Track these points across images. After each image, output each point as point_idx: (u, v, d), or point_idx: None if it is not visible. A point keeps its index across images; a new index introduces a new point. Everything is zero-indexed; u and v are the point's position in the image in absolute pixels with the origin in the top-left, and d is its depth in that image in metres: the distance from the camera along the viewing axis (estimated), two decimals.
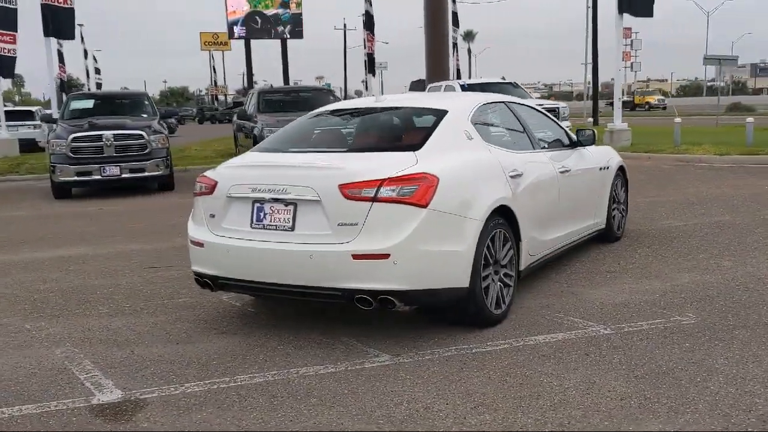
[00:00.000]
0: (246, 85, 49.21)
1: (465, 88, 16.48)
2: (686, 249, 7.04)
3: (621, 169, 7.44)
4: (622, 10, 17.59)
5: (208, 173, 4.95)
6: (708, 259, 6.58)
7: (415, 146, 4.66)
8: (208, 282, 4.84)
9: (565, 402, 3.61)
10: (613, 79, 19.17)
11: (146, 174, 13.42)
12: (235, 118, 18.12)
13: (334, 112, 5.76)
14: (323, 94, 16.10)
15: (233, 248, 4.59)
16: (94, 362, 4.47)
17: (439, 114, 5.03)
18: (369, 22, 27.69)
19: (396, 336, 4.68)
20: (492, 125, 5.45)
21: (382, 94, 25.86)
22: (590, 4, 36.38)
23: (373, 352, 4.43)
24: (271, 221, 4.50)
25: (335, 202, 4.27)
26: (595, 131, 6.63)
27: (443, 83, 17.37)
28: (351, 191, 4.24)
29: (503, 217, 4.83)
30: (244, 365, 4.31)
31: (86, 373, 4.29)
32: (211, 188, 4.78)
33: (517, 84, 17.80)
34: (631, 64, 73.53)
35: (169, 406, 3.76)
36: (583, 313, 5.06)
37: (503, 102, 5.93)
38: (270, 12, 43.79)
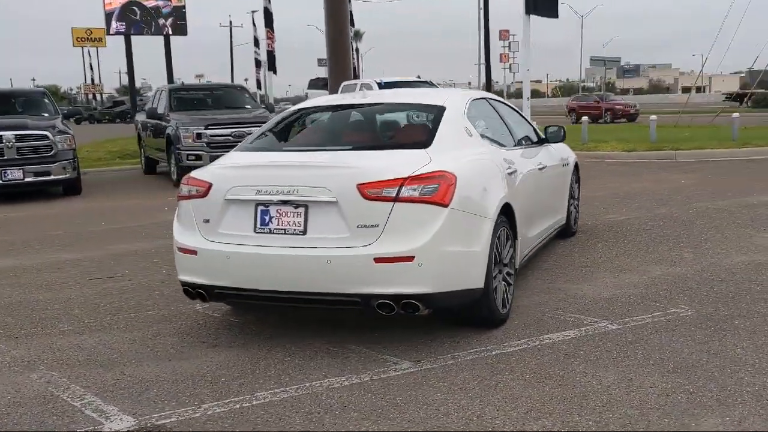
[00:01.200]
0: (126, 83, 47.03)
1: (382, 86, 16.41)
2: (643, 242, 7.24)
3: (575, 165, 7.57)
4: (529, 11, 17.97)
5: (197, 174, 4.58)
6: (668, 251, 6.78)
7: (423, 143, 4.49)
8: (201, 292, 4.47)
9: (614, 401, 3.56)
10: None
11: (52, 177, 12.50)
12: (138, 117, 17.23)
13: (320, 109, 5.49)
14: (238, 92, 15.58)
15: (234, 255, 4.26)
16: (84, 386, 4.03)
17: (438, 110, 4.89)
18: (268, 19, 27.16)
19: (405, 341, 4.50)
20: (482, 121, 5.36)
21: (270, 92, 25.22)
22: (482, 5, 37.27)
23: (390, 359, 4.23)
24: (278, 225, 4.20)
25: (354, 202, 4.04)
26: (564, 127, 6.69)
27: (358, 82, 17.21)
28: (371, 191, 4.03)
29: (505, 215, 4.75)
30: (259, 380, 4.00)
31: (80, 399, 3.86)
32: (205, 191, 4.42)
33: (432, 82, 17.89)
34: (510, 65, 76.28)
35: (196, 431, 3.41)
36: (580, 309, 5.06)
37: (485, 98, 5.86)
38: (150, 3, 41.90)
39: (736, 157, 14.60)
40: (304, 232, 4.14)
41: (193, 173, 4.61)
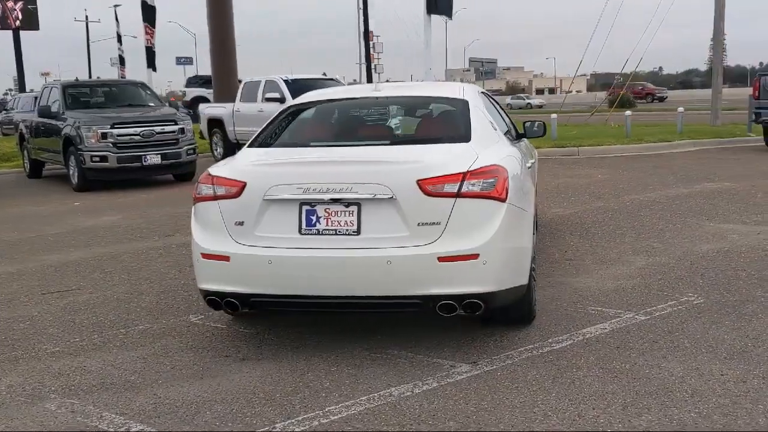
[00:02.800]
0: None
1: (289, 83, 15.98)
2: (606, 234, 7.44)
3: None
4: (430, 11, 18.22)
5: (224, 172, 4.17)
6: (635, 242, 7.00)
7: (462, 138, 4.34)
8: (232, 302, 4.08)
9: (699, 392, 3.58)
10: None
11: None
12: (19, 116, 15.83)
13: (334, 102, 5.19)
14: (137, 89, 14.66)
15: (277, 260, 3.92)
16: (121, 413, 3.58)
17: (463, 104, 4.74)
18: (147, 13, 25.89)
19: (445, 343, 4.34)
20: (491, 116, 5.27)
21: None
22: (361, 5, 37.38)
23: (445, 363, 4.05)
24: (328, 225, 3.91)
25: (414, 199, 3.82)
26: (545, 122, 6.73)
27: (262, 78, 16.64)
28: (432, 187, 3.83)
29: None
30: (319, 394, 3.71)
31: (125, 428, 3.40)
32: (238, 191, 4.04)
33: (338, 80, 17.66)
34: (374, 65, 77.29)
35: None
36: (596, 302, 5.09)
37: (483, 92, 5.78)
38: None
39: (633, 152, 15.44)
40: (358, 232, 3.87)
41: (219, 171, 4.20)
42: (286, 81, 15.96)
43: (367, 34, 36.78)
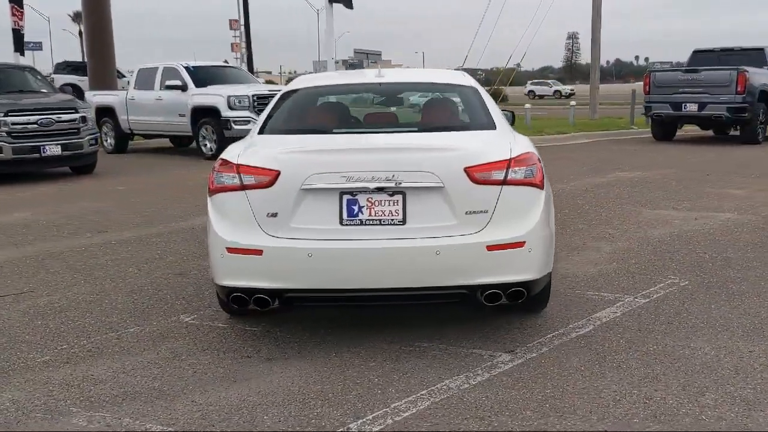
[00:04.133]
0: None
1: (191, 70, 15.30)
2: (557, 222, 7.63)
3: None
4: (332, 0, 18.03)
5: (253, 160, 3.88)
6: (589, 228, 7.26)
7: (488, 125, 4.30)
8: (263, 298, 3.84)
9: (743, 369, 3.73)
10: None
11: None
12: None
13: (339, 88, 4.97)
14: (27, 74, 13.52)
15: (318, 252, 3.72)
16: (168, 424, 3.30)
17: (473, 91, 4.69)
18: None
19: (472, 332, 4.30)
20: None
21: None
22: None
23: (484, 353, 4.02)
24: (371, 215, 3.75)
25: (462, 187, 3.74)
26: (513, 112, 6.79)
27: (159, 65, 15.80)
28: (481, 174, 3.76)
29: None
30: (373, 391, 3.57)
31: None
32: (271, 180, 3.79)
33: (239, 68, 17.10)
34: (242, 55, 75.89)
35: None
36: (589, 287, 5.22)
37: None
38: None
39: (536, 143, 15.97)
40: (404, 222, 3.74)
41: (245, 159, 3.90)
42: (187, 68, 15.31)
43: (248, 25, 35.89)
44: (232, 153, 4.06)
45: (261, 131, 4.32)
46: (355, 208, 3.74)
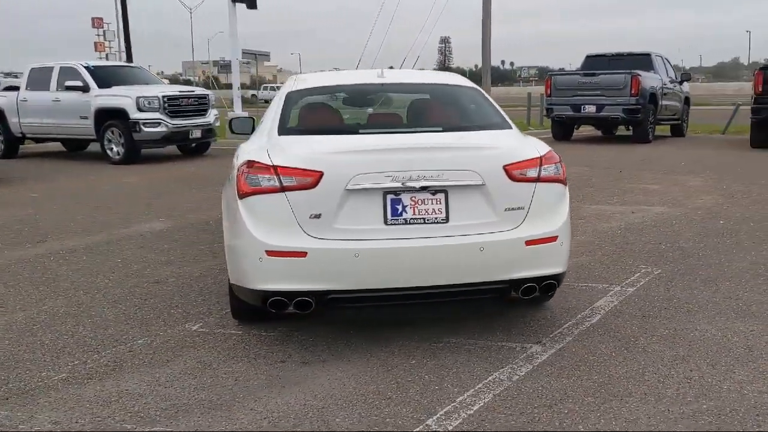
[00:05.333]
0: None
1: (92, 70, 14.53)
2: None
3: None
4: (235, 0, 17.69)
5: (291, 162, 3.80)
6: None
7: (505, 124, 4.43)
8: (306, 301, 3.79)
9: (756, 347, 4.04)
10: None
11: None
12: None
13: (344, 89, 4.92)
14: None
15: (364, 252, 3.72)
16: None
17: (478, 92, 4.81)
18: None
19: (491, 326, 4.42)
20: None
21: None
22: None
23: (515, 346, 4.14)
24: (415, 214, 3.79)
25: (501, 185, 3.86)
26: None
27: (55, 64, 14.87)
28: (518, 172, 3.89)
29: None
30: (431, 388, 3.61)
31: None
32: (314, 181, 3.74)
33: (142, 68, 16.41)
34: (107, 55, 72.99)
35: None
36: (575, 278, 5.43)
37: None
38: None
39: None
40: (447, 220, 3.81)
41: (283, 161, 3.82)
42: (87, 67, 14.56)
43: (126, 26, 34.46)
44: (258, 154, 3.96)
45: (281, 132, 4.23)
46: (399, 207, 3.76)
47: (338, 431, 3.18)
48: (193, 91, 15.13)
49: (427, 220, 3.78)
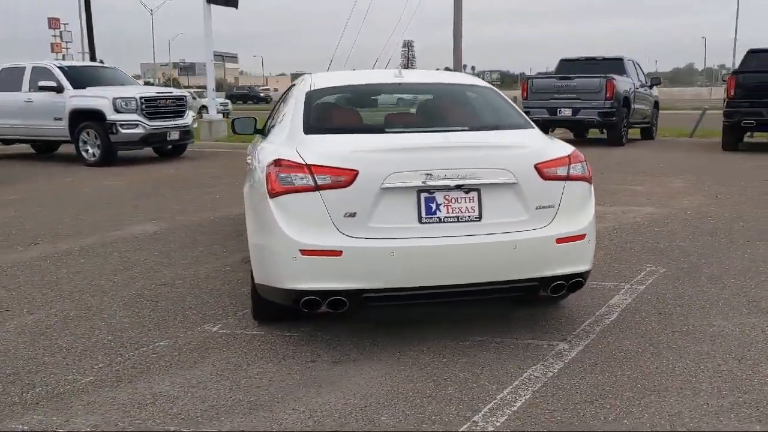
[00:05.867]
0: None
1: (66, 70, 14.25)
2: None
3: None
4: (210, 0, 17.55)
5: (325, 160, 3.78)
6: None
7: (527, 124, 4.47)
8: (341, 300, 3.78)
9: None
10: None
11: None
12: None
13: (374, 87, 4.92)
14: None
15: (400, 251, 3.72)
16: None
17: (495, 92, 4.85)
18: None
19: (513, 324, 4.46)
20: None
21: None
22: None
23: (542, 343, 4.18)
24: (449, 213, 3.80)
25: (533, 183, 3.89)
26: None
27: (27, 64, 14.53)
28: (549, 171, 3.93)
29: None
30: (468, 385, 3.63)
31: None
32: (349, 179, 3.73)
33: (117, 69, 16.13)
34: (63, 56, 71.96)
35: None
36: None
37: None
38: None
39: None
40: (480, 218, 3.83)
41: (317, 159, 3.79)
42: (61, 68, 14.30)
43: (90, 26, 33.87)
44: (287, 153, 3.94)
45: (307, 131, 4.20)
46: (433, 205, 3.77)
47: (386, 430, 3.16)
48: (170, 93, 14.94)
49: (461, 218, 3.79)
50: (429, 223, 3.76)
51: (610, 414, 3.27)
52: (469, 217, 3.80)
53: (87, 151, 13.90)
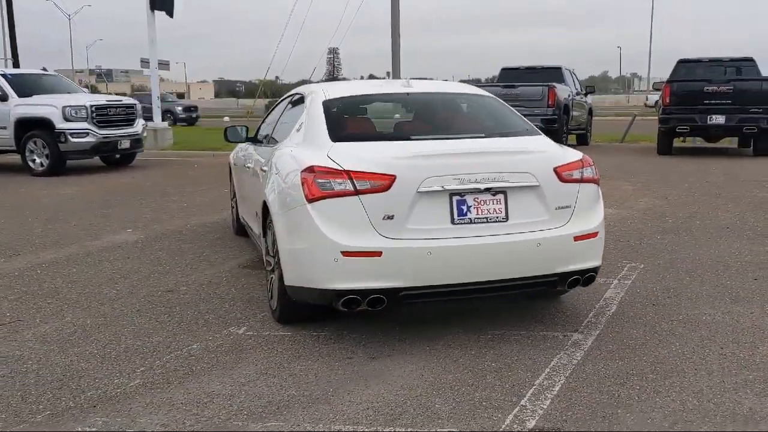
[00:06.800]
0: None
1: (9, 77, 13.86)
2: None
3: None
4: (154, 7, 17.36)
5: (363, 166, 3.99)
6: None
7: (534, 131, 4.79)
8: (380, 298, 3.99)
9: None
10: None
11: None
12: None
13: (377, 97, 5.13)
14: None
15: (436, 250, 3.97)
16: (353, 424, 3.36)
17: (498, 102, 5.16)
18: None
19: (523, 317, 4.75)
20: None
21: None
22: (5, 3, 33.23)
23: (557, 335, 4.48)
24: (478, 214, 4.07)
25: (553, 185, 4.21)
26: None
27: None
28: (567, 173, 4.26)
29: None
30: (503, 374, 3.88)
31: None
32: (387, 184, 3.95)
33: (60, 76, 15.76)
34: None
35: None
36: None
37: None
38: None
39: None
40: (506, 219, 4.11)
41: (355, 165, 4.00)
42: (5, 76, 13.93)
43: (13, 32, 32.77)
44: (319, 159, 4.12)
45: (335, 138, 4.40)
46: (464, 207, 4.03)
47: (442, 414, 3.39)
48: (120, 101, 14.72)
49: (490, 219, 4.06)
50: (461, 224, 4.02)
51: (641, 394, 3.59)
52: (496, 218, 4.08)
53: (34, 161, 13.58)
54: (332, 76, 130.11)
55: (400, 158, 4.05)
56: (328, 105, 4.77)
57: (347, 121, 4.85)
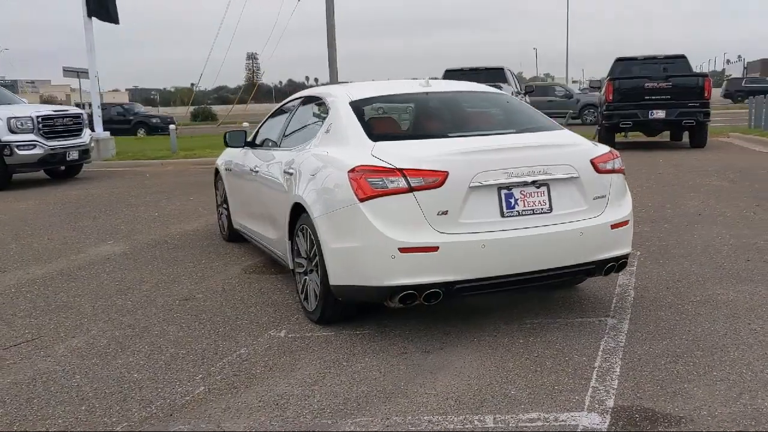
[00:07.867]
0: None
1: None
2: None
3: None
4: (90, 13, 16.87)
5: (419, 164, 4.03)
6: None
7: (556, 125, 4.97)
8: (436, 292, 4.08)
9: None
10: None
11: None
12: None
13: (405, 97, 5.19)
14: None
15: (490, 243, 4.09)
16: (440, 413, 3.45)
17: (515, 98, 5.33)
18: None
19: (550, 306, 4.93)
20: None
21: None
22: None
23: (592, 320, 4.66)
24: (525, 206, 4.21)
25: (590, 176, 4.38)
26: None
27: None
28: (602, 165, 4.45)
29: None
30: (562, 360, 4.03)
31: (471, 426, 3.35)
32: (441, 180, 4.04)
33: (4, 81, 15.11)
34: None
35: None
36: None
37: None
38: None
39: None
40: (550, 210, 4.26)
41: (408, 163, 4.06)
42: None
43: None
44: (365, 159, 4.18)
45: (374, 138, 4.45)
46: (512, 200, 4.17)
47: (522, 400, 3.50)
48: (67, 110, 14.24)
49: (535, 210, 4.21)
50: (510, 216, 4.15)
51: (698, 369, 3.79)
52: (541, 209, 4.22)
53: None
54: (251, 81, 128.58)
55: (453, 154, 4.15)
56: (356, 106, 4.82)
57: (379, 121, 4.91)
